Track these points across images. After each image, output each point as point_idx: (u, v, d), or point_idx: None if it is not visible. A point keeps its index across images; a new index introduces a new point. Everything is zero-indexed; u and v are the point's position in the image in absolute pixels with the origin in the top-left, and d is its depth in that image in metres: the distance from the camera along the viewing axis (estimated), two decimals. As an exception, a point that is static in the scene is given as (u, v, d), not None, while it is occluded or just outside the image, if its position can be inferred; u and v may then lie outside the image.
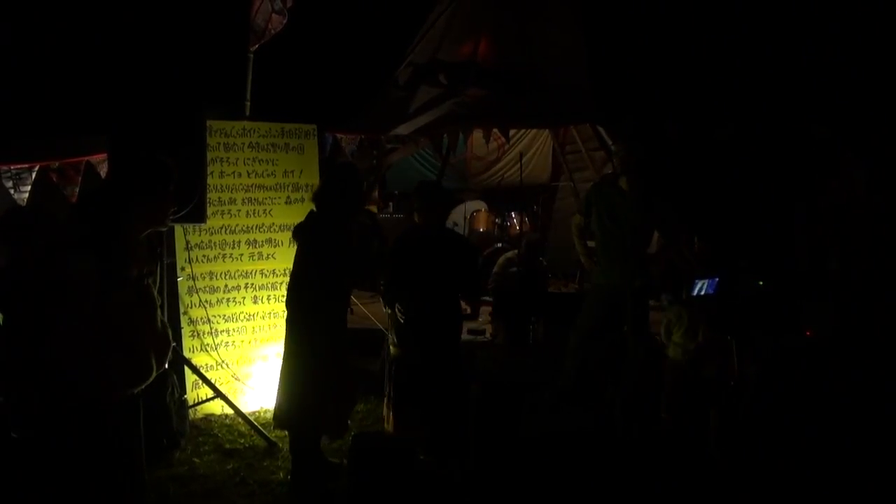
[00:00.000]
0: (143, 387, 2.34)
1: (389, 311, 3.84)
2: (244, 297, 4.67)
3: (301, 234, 3.49)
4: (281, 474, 3.66)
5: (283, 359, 3.54)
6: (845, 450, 3.51)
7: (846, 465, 3.44)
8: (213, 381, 4.34)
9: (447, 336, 3.87)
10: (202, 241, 4.51)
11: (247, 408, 4.45)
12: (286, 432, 3.69)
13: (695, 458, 3.84)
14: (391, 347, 3.88)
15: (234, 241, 4.64)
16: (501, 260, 6.99)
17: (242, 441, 4.11)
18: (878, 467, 3.43)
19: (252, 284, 4.70)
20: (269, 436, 4.05)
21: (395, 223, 7.91)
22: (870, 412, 3.64)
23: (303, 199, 4.71)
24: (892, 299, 3.84)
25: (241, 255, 4.67)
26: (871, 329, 3.82)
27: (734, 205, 7.17)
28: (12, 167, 4.61)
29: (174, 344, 3.95)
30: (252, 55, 4.97)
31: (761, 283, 4.08)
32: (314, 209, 3.49)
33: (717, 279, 3.99)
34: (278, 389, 3.53)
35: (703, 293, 4.01)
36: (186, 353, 4.39)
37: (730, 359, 3.98)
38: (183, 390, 4.24)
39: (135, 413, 2.39)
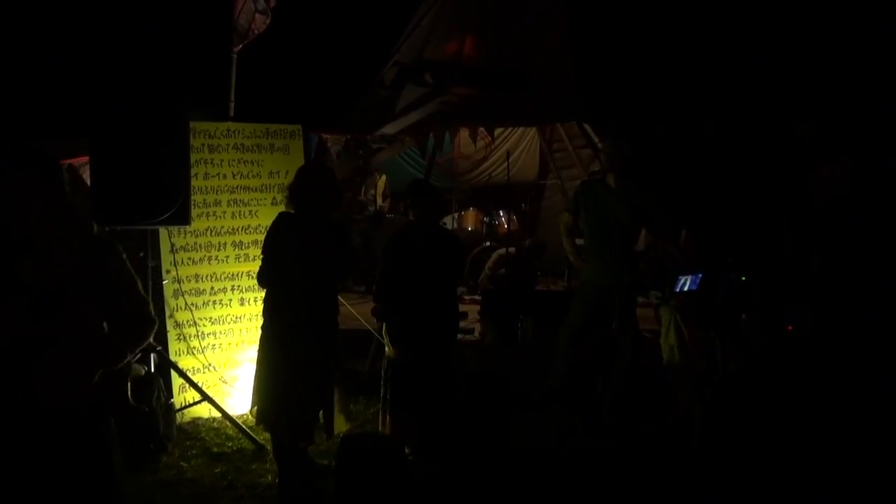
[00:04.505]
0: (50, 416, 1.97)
1: (378, 318, 3.83)
2: (231, 300, 4.65)
3: (270, 233, 3.41)
4: (269, 477, 3.64)
5: (257, 361, 3.44)
6: (828, 445, 3.54)
7: (829, 460, 3.47)
8: (199, 384, 4.32)
9: (444, 335, 3.86)
10: (187, 244, 4.48)
11: (234, 411, 4.42)
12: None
13: (680, 454, 3.86)
14: (386, 348, 3.86)
15: (219, 243, 4.61)
16: (495, 256, 6.98)
17: (230, 444, 4.09)
18: (861, 462, 3.46)
19: (238, 286, 4.67)
20: (256, 439, 4.03)
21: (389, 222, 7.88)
22: (852, 407, 3.67)
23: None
24: (873, 295, 3.88)
25: (227, 256, 4.64)
26: (851, 325, 3.85)
27: (720, 201, 7.22)
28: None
29: (142, 364, 3.88)
30: (235, 55, 4.94)
31: (744, 278, 4.10)
32: (284, 210, 3.44)
33: (700, 275, 4.00)
34: (253, 389, 3.47)
35: (686, 289, 4.03)
36: (173, 357, 4.36)
37: (713, 354, 4.00)
38: (169, 394, 4.21)
39: (93, 425, 2.07)
